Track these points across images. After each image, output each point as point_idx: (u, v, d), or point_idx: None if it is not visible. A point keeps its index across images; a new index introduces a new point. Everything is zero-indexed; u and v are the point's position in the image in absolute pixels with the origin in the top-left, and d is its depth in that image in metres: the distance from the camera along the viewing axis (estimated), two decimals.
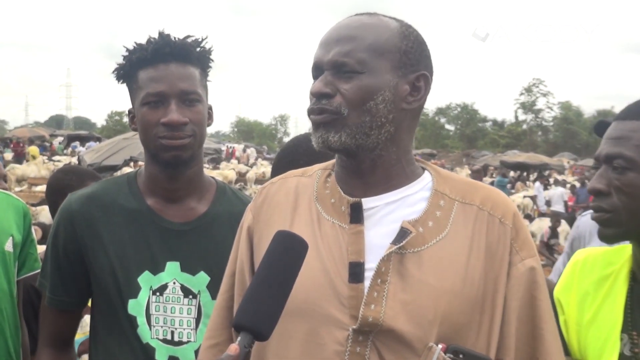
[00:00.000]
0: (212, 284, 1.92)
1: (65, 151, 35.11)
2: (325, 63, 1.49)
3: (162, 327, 1.92)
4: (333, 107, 1.46)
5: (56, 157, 29.00)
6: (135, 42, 1.99)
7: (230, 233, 1.91)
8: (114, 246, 1.94)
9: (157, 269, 1.93)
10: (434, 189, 1.53)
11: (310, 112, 1.51)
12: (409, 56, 1.50)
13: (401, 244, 1.43)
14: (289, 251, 1.30)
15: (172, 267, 1.93)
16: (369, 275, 1.44)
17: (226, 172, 24.21)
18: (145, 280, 1.92)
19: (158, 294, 1.92)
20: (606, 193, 1.61)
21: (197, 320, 1.93)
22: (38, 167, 21.66)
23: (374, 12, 1.56)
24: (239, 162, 35.02)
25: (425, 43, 1.56)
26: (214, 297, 1.89)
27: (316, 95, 1.49)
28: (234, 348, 1.19)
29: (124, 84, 2.03)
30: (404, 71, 1.49)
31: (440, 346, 1.40)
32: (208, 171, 14.04)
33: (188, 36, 2.00)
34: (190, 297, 1.93)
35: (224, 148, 36.02)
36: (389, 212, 1.50)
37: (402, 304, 1.42)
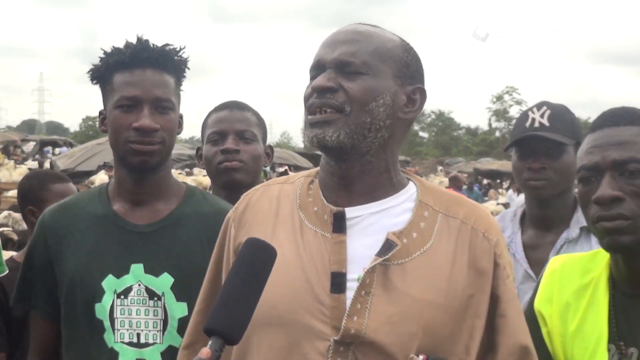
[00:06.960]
0: (176, 285, 1.92)
1: (36, 156, 34.58)
2: (329, 61, 1.50)
3: (127, 330, 1.92)
4: (338, 103, 1.47)
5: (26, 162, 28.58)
6: (113, 46, 2.00)
7: (196, 233, 1.95)
8: (79, 252, 1.97)
9: (121, 272, 1.94)
10: (419, 200, 1.54)
11: (311, 107, 1.50)
12: (409, 68, 1.54)
13: (386, 256, 1.44)
14: (257, 257, 1.32)
15: (136, 269, 1.94)
16: (350, 285, 1.44)
17: (200, 178, 23.98)
18: (109, 284, 1.93)
19: (122, 297, 1.93)
20: (622, 199, 1.53)
21: (165, 322, 1.92)
22: (9, 172, 21.29)
23: (376, 25, 1.59)
24: None
25: (421, 62, 1.59)
26: (178, 298, 1.91)
27: (319, 89, 1.48)
28: (205, 352, 1.22)
29: (98, 86, 2.04)
30: (403, 81, 1.52)
31: (421, 357, 1.41)
32: (182, 177, 13.95)
33: (167, 44, 2.01)
34: (155, 299, 1.93)
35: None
36: (373, 222, 1.50)
37: (385, 316, 1.42)
